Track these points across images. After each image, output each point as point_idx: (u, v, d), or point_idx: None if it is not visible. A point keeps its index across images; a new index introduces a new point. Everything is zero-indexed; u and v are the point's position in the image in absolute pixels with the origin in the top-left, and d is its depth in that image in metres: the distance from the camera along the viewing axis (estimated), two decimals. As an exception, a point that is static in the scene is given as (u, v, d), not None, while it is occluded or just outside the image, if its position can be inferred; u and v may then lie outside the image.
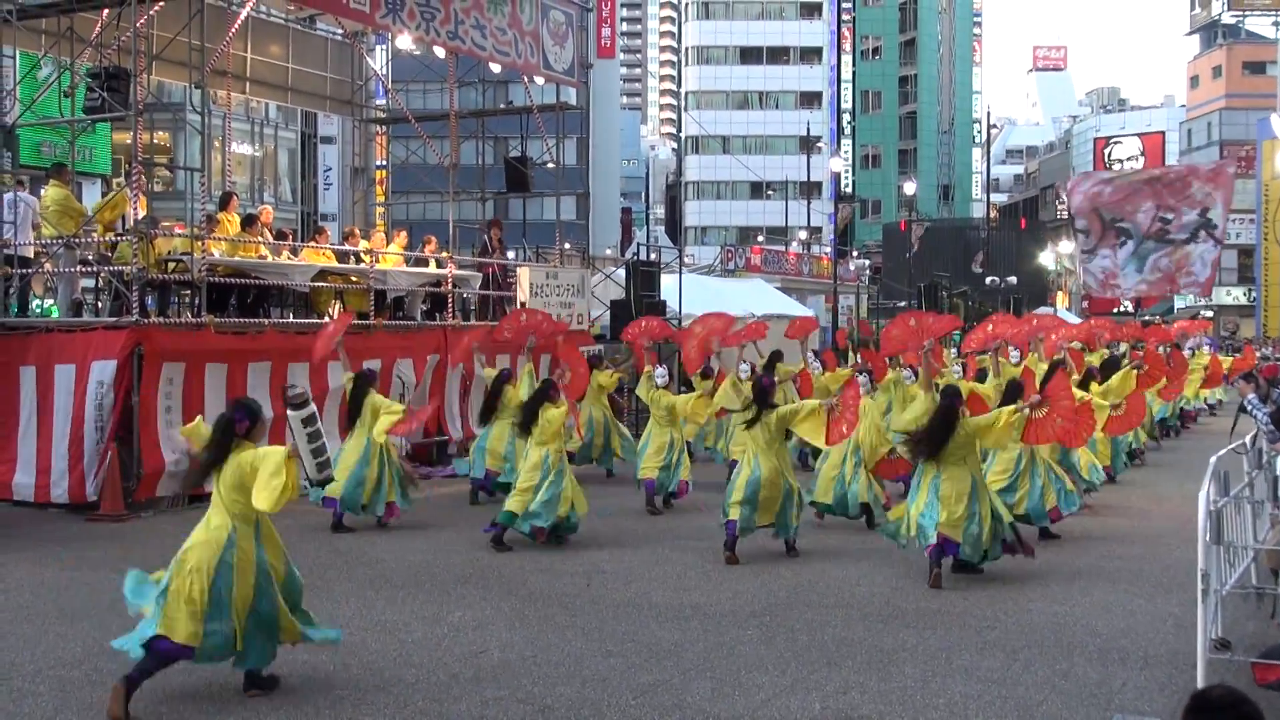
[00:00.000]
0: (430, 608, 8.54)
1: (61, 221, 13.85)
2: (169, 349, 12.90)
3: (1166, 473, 16.22)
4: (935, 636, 7.80)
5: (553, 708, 6.35)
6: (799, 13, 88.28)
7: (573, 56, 20.04)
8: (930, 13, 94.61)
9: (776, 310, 26.66)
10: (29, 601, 8.75)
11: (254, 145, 45.62)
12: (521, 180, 20.81)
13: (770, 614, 8.40)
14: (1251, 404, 12.09)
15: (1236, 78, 73.59)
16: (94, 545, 10.89)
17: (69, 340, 13.08)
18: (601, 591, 9.13)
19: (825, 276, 44.82)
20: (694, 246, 72.49)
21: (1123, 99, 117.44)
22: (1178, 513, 12.57)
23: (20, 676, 6.88)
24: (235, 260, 14.56)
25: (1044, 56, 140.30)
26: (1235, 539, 7.65)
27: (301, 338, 14.63)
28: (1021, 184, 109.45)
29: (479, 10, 17.65)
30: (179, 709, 6.31)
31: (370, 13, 15.92)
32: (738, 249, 47.82)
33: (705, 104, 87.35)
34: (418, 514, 12.40)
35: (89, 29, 15.33)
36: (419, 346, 16.23)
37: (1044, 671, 7.07)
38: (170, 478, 12.80)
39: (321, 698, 6.46)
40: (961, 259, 62.77)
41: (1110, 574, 9.84)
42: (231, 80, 18.62)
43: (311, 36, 20.25)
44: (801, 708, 6.38)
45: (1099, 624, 8.17)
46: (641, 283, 21.25)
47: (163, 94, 32.81)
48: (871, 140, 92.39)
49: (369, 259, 16.52)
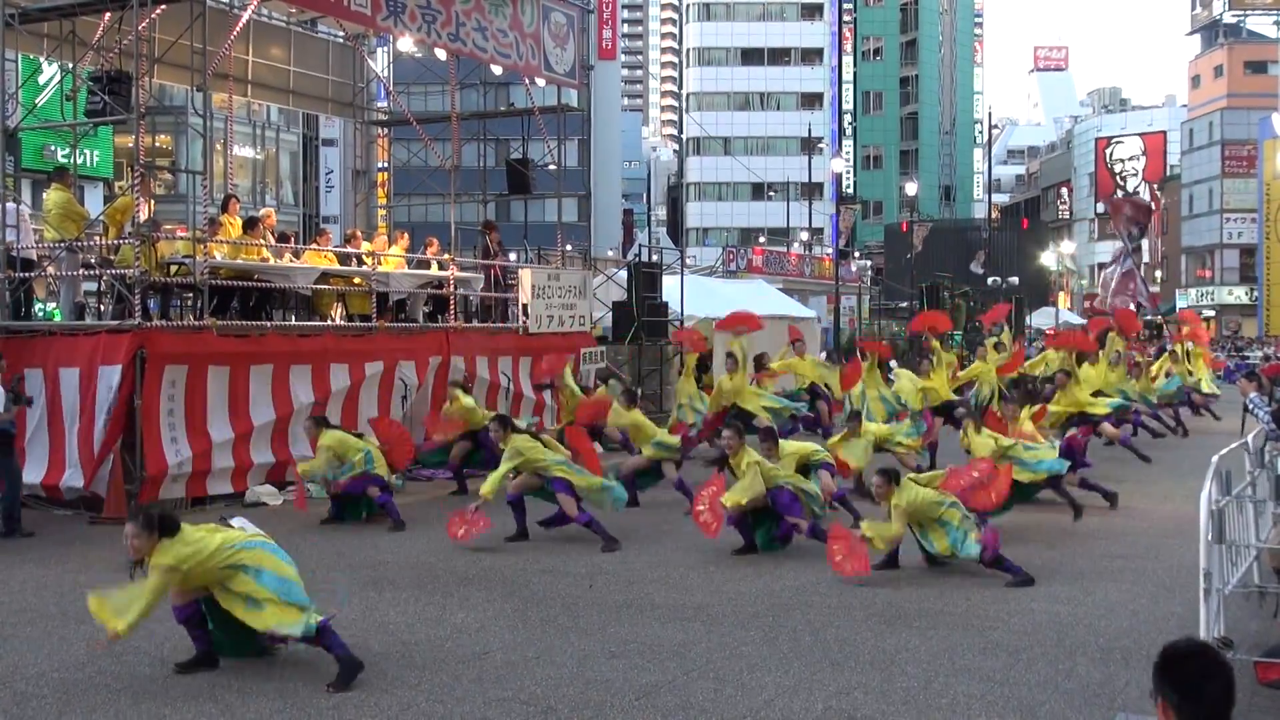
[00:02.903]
0: (433, 609, 8.55)
1: (63, 225, 13.86)
2: (171, 352, 12.91)
3: (1168, 472, 16.21)
4: (938, 637, 7.81)
5: (555, 709, 6.36)
6: (800, 14, 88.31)
7: (574, 58, 20.05)
8: (931, 13, 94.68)
9: (778, 311, 26.69)
10: (32, 604, 8.76)
11: (256, 148, 45.70)
12: (523, 182, 20.82)
13: (773, 615, 8.40)
14: (1254, 403, 12.12)
15: (1238, 77, 73.57)
16: (98, 548, 10.90)
17: (73, 344, 13.10)
18: (604, 593, 9.14)
19: (827, 277, 44.85)
20: (695, 248, 72.60)
21: (1124, 99, 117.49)
22: (1180, 512, 12.56)
23: (23, 679, 6.89)
24: (237, 263, 14.57)
25: (1045, 57, 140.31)
26: (1238, 538, 7.66)
27: (303, 340, 14.66)
28: (1023, 184, 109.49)
29: (480, 12, 17.66)
30: (180, 708, 6.32)
31: (371, 15, 15.93)
32: (739, 250, 47.90)
33: (706, 105, 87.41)
34: (420, 515, 12.41)
35: (90, 32, 15.35)
36: (421, 349, 16.24)
37: (1047, 671, 7.07)
38: (173, 481, 12.83)
39: (323, 699, 6.47)
40: (963, 259, 62.75)
41: (1113, 574, 9.83)
42: (233, 83, 18.64)
43: (313, 39, 20.27)
44: (804, 708, 6.38)
45: (1102, 624, 8.17)
46: (643, 284, 21.28)
47: (164, 97, 32.92)
48: (873, 141, 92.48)
49: (371, 261, 16.53)
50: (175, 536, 6.58)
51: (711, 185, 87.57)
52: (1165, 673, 3.27)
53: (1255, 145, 68.44)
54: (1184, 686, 3.22)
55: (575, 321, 19.50)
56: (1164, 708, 3.25)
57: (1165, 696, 3.24)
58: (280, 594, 6.71)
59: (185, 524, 6.76)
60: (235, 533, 6.96)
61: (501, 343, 17.94)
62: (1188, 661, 3.27)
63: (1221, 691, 3.22)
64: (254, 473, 13.74)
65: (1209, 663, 3.27)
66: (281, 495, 13.75)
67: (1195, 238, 75.45)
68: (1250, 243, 69.64)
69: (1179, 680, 3.23)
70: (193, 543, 6.62)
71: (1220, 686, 3.22)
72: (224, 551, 6.68)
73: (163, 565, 6.51)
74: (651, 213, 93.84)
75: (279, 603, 6.68)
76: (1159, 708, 3.27)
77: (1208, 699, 3.20)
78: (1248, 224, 70.14)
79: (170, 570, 6.54)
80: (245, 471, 13.63)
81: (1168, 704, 3.23)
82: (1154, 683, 3.28)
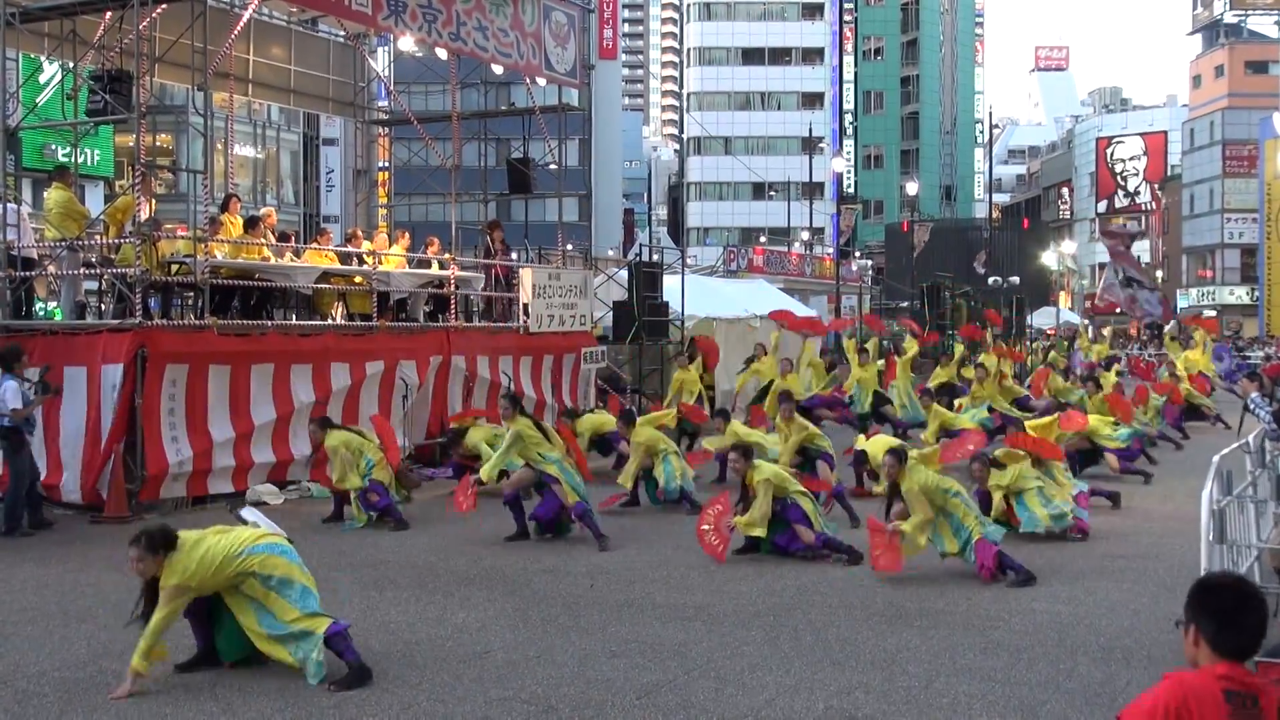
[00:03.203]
0: (434, 608, 8.55)
1: (64, 224, 13.86)
2: (172, 351, 12.90)
3: (1170, 472, 16.20)
4: (939, 636, 7.80)
5: (556, 708, 6.36)
6: (801, 13, 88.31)
7: (574, 58, 20.04)
8: (932, 13, 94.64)
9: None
10: (33, 603, 8.76)
11: (256, 147, 45.69)
12: (524, 181, 20.82)
13: (774, 614, 8.40)
14: (1255, 403, 12.10)
15: (1239, 77, 73.57)
16: (98, 547, 10.90)
17: (75, 343, 13.10)
18: (605, 592, 9.14)
19: (828, 277, 44.91)
20: (696, 247, 72.63)
21: (1125, 99, 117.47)
22: (1181, 512, 12.56)
23: (24, 678, 6.89)
24: (238, 262, 14.57)
25: (1046, 56, 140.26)
26: (1238, 538, 7.66)
27: (304, 340, 14.66)
28: (1024, 184, 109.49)
29: (481, 12, 17.66)
30: (181, 706, 6.32)
31: (372, 15, 15.93)
32: (740, 250, 47.94)
33: (707, 105, 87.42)
34: (421, 514, 12.42)
35: (91, 31, 15.36)
36: (422, 348, 16.24)
37: (1047, 671, 7.07)
38: (174, 480, 12.83)
39: (325, 698, 6.47)
40: (964, 259, 62.71)
41: (1114, 574, 9.83)
42: (234, 82, 18.63)
43: (313, 38, 20.27)
44: (805, 708, 6.38)
45: (1103, 624, 8.17)
46: (644, 284, 21.25)
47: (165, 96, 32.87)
48: (874, 140, 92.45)
49: (371, 261, 16.53)
50: (176, 549, 6.57)
51: (712, 185, 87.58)
52: (1202, 602, 3.30)
53: (1256, 145, 68.46)
54: (1222, 616, 3.25)
55: (576, 321, 19.50)
56: (1196, 637, 3.28)
57: (1200, 625, 3.27)
58: (292, 601, 6.70)
59: (183, 532, 6.70)
60: (246, 533, 6.94)
61: (502, 342, 17.94)
62: (1225, 592, 3.31)
63: (1258, 623, 3.26)
64: (255, 472, 13.74)
65: (1248, 594, 3.30)
66: (283, 494, 13.76)
67: (1196, 238, 75.49)
68: (1251, 243, 69.65)
69: (1217, 609, 3.26)
70: (198, 553, 6.59)
71: (1258, 619, 3.27)
72: (234, 561, 6.65)
73: (171, 586, 6.49)
74: (652, 212, 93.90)
75: (290, 618, 6.67)
76: (1189, 637, 3.31)
77: (1245, 629, 3.25)
78: (1249, 224, 70.16)
79: (180, 590, 6.51)
80: (246, 470, 13.62)
81: (1201, 633, 3.27)
82: (1187, 612, 3.30)
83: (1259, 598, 3.31)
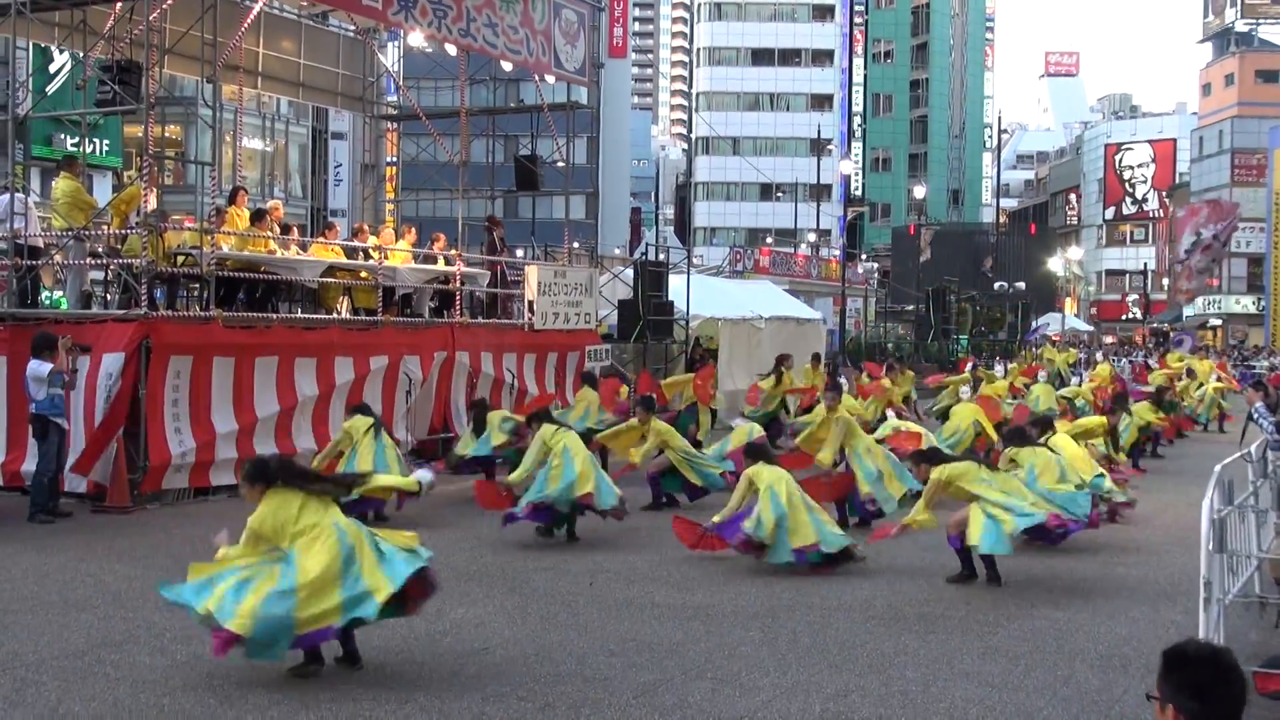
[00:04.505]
0: (432, 605, 8.51)
1: (72, 214, 13.89)
2: (177, 342, 12.93)
3: (1170, 480, 16.19)
4: (937, 640, 7.80)
5: (554, 705, 6.37)
6: (811, 15, 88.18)
7: (584, 56, 20.05)
8: (943, 16, 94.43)
9: (784, 313, 26.67)
10: (33, 591, 8.78)
11: (265, 140, 45.74)
12: (531, 178, 20.83)
13: (772, 615, 8.41)
14: (1259, 412, 12.08)
15: (1249, 86, 73.34)
16: (99, 536, 10.92)
17: (80, 332, 13.08)
18: (604, 590, 9.15)
19: (834, 279, 44.84)
20: (703, 247, 72.50)
21: (1134, 105, 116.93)
22: (1181, 521, 12.55)
23: (23, 666, 6.91)
24: (244, 255, 14.59)
25: (1056, 62, 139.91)
26: (1239, 547, 7.65)
27: (309, 333, 14.67)
28: (1032, 189, 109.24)
29: (491, 8, 17.67)
30: (179, 697, 6.33)
31: (383, 9, 15.95)
32: (746, 250, 47.83)
33: (716, 105, 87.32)
34: (420, 512, 12.41)
35: (101, 22, 15.39)
36: (426, 343, 16.25)
37: (1045, 677, 7.06)
38: (176, 471, 12.85)
39: (324, 693, 6.48)
40: (970, 264, 62.67)
41: (1113, 581, 9.83)
42: (243, 75, 18.66)
43: (323, 32, 20.30)
44: (802, 709, 6.38)
45: (1101, 631, 8.16)
46: (649, 283, 21.24)
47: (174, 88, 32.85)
48: (882, 143, 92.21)
49: (378, 255, 16.54)
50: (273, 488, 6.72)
51: (720, 185, 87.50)
52: (1180, 680, 3.08)
53: (1265, 154, 68.29)
54: (1204, 692, 3.05)
55: (581, 319, 19.50)
56: (1175, 716, 3.06)
57: (1178, 704, 3.05)
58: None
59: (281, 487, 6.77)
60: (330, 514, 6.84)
61: (507, 339, 17.95)
62: (1203, 666, 3.10)
63: (1240, 693, 3.07)
64: (257, 465, 13.72)
65: (1224, 667, 3.10)
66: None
67: (1203, 246, 75.21)
68: (1258, 252, 69.46)
69: (1197, 686, 3.06)
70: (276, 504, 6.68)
71: (1240, 688, 3.07)
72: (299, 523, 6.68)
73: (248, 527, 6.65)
74: (659, 211, 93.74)
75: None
76: (1165, 716, 3.09)
77: (1227, 701, 3.05)
78: (1256, 233, 69.97)
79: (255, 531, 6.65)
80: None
81: (1181, 712, 3.05)
82: (1163, 689, 3.09)
83: (1235, 668, 3.11)
